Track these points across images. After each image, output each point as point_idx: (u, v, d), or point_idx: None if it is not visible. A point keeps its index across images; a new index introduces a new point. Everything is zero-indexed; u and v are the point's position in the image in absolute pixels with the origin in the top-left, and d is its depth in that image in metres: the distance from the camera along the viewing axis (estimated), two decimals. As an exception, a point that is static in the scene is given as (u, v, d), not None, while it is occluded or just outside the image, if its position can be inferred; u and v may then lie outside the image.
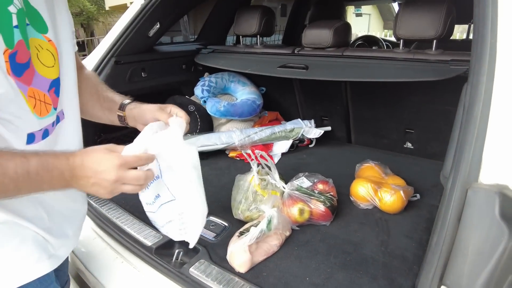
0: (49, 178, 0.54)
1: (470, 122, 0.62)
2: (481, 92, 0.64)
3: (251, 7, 1.88)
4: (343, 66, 1.42)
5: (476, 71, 0.67)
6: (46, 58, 0.60)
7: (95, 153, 0.59)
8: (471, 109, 0.63)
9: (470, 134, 0.61)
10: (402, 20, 1.35)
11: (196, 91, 1.85)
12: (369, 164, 1.37)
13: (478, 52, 0.70)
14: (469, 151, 0.60)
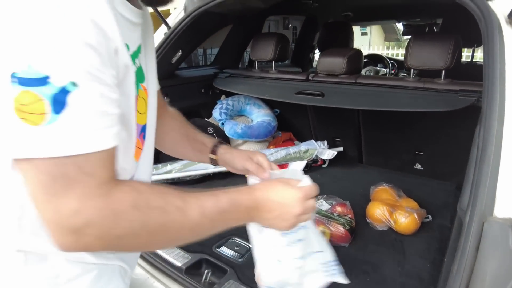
0: (236, 214, 0.56)
1: (484, 162, 0.70)
2: (493, 135, 0.73)
3: (267, 35, 1.99)
4: (357, 93, 1.51)
5: (488, 115, 0.76)
6: (141, 106, 0.59)
7: (276, 187, 0.60)
8: (484, 150, 0.71)
9: (485, 173, 0.69)
10: (412, 52, 1.45)
11: (214, 113, 1.94)
12: (383, 186, 1.45)
13: (489, 98, 0.78)
14: (484, 188, 0.68)
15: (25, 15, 0.39)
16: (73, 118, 0.41)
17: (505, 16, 0.89)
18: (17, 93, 0.39)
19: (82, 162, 0.42)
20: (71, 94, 0.40)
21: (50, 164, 0.41)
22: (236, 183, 0.59)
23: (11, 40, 0.39)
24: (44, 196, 0.42)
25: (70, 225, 0.42)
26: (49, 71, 0.39)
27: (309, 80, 1.73)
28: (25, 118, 0.39)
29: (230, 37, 2.23)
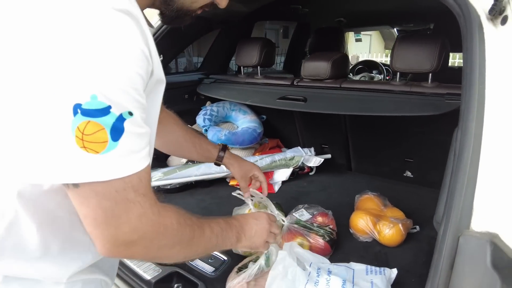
0: (230, 232, 0.72)
1: (460, 168, 0.64)
2: (471, 138, 0.66)
3: (252, 39, 1.94)
4: (341, 98, 1.45)
5: (465, 117, 0.69)
6: None
7: (252, 214, 0.85)
8: (461, 156, 0.65)
9: (460, 181, 0.62)
10: (398, 54, 1.39)
11: (198, 120, 1.89)
12: (368, 195, 1.37)
13: (466, 98, 0.72)
14: (459, 198, 0.62)
15: (85, 47, 0.41)
16: (127, 143, 0.45)
17: (486, 12, 0.83)
18: (79, 123, 0.41)
19: (136, 183, 0.48)
20: (126, 121, 0.44)
21: (113, 189, 0.46)
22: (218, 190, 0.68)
23: (70, 72, 0.41)
24: (105, 218, 0.47)
25: (126, 239, 0.49)
26: (111, 102, 0.42)
27: (294, 85, 1.67)
28: (86, 147, 0.42)
29: (217, 42, 2.19)
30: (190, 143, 1.05)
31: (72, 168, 0.43)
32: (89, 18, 0.42)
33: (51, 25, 0.42)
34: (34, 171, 0.46)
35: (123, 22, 0.44)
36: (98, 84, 0.42)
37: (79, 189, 0.45)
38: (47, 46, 0.41)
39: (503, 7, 0.80)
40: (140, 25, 0.47)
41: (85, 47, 0.41)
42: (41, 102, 0.42)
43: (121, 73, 0.43)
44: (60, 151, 0.43)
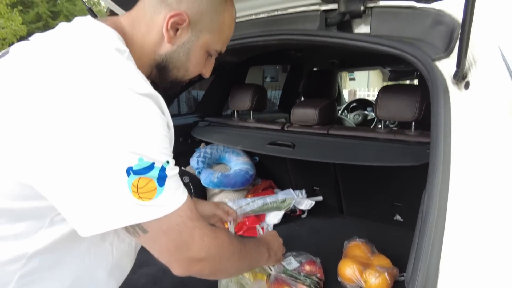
0: (263, 248, 0.88)
1: (425, 231, 0.67)
2: (436, 201, 0.70)
3: (245, 85, 2.02)
4: (328, 145, 1.50)
5: (431, 180, 0.73)
6: None
7: (269, 233, 1.03)
8: (426, 218, 0.68)
9: (426, 244, 0.65)
10: (381, 104, 1.46)
11: (191, 162, 1.93)
12: (356, 242, 1.38)
13: (432, 161, 0.76)
14: (425, 261, 0.64)
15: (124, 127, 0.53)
16: (170, 184, 0.57)
17: (451, 76, 0.89)
18: (132, 180, 0.54)
19: (189, 213, 0.61)
20: (167, 169, 0.57)
21: (174, 223, 0.59)
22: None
23: (118, 145, 0.53)
24: (176, 247, 0.61)
25: (197, 257, 0.62)
26: (153, 159, 0.55)
27: (283, 130, 1.73)
28: (141, 197, 0.55)
29: (213, 86, 2.28)
30: None
31: (135, 213, 0.55)
32: (125, 103, 0.54)
33: (96, 111, 0.53)
34: (101, 222, 0.56)
35: (148, 103, 0.57)
36: (142, 149, 0.54)
37: (148, 233, 0.59)
38: (95, 127, 0.52)
39: (465, 73, 0.86)
40: (158, 101, 0.60)
41: (125, 125, 0.53)
42: (98, 170, 0.53)
43: (154, 137, 0.57)
44: (123, 203, 0.54)
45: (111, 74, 0.55)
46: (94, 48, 0.58)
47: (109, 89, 0.54)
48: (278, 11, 1.27)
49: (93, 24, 0.64)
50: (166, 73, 0.74)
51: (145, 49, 0.71)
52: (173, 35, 0.70)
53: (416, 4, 1.02)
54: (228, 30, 0.77)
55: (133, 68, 0.59)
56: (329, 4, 1.14)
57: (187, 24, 0.69)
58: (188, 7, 0.69)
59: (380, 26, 1.08)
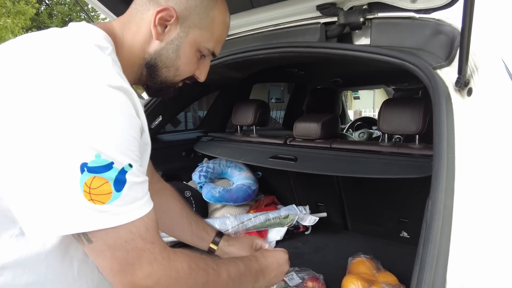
0: (249, 277, 0.73)
1: (430, 240, 0.63)
2: (440, 209, 0.67)
3: (248, 101, 2.03)
4: (331, 159, 1.48)
5: (434, 187, 0.71)
6: None
7: (273, 253, 0.86)
8: (430, 227, 0.65)
9: (431, 253, 0.62)
10: (384, 117, 1.44)
11: (193, 176, 1.91)
12: (360, 258, 1.34)
13: (435, 168, 0.74)
14: (430, 272, 0.61)
15: (87, 118, 0.49)
16: (129, 191, 0.52)
17: (453, 84, 0.88)
18: (86, 179, 0.48)
19: (143, 231, 0.54)
20: (128, 173, 0.51)
21: (122, 240, 0.52)
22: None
23: (76, 137, 0.48)
24: (120, 267, 0.52)
25: (143, 285, 0.53)
26: (112, 158, 0.50)
27: (286, 144, 1.72)
28: (94, 200, 0.49)
29: (217, 102, 2.30)
30: (186, 219, 0.96)
31: (82, 218, 0.49)
32: (91, 94, 0.50)
33: (59, 100, 0.49)
34: (47, 226, 0.50)
35: (118, 97, 0.52)
36: (101, 145, 0.49)
37: (93, 244, 0.51)
38: (54, 117, 0.48)
39: (467, 80, 0.85)
40: (132, 98, 0.55)
41: (87, 117, 0.49)
42: (50, 163, 0.48)
43: (118, 135, 0.51)
44: (70, 204, 0.49)
45: (81, 64, 0.52)
46: (70, 42, 0.56)
47: (77, 78, 0.51)
48: (279, 25, 1.29)
49: (81, 26, 0.63)
50: (156, 72, 0.71)
51: (134, 48, 0.69)
52: (161, 31, 0.68)
53: (415, 15, 1.02)
54: (219, 28, 0.73)
55: (108, 61, 0.56)
56: (329, 17, 1.15)
57: (175, 20, 0.67)
58: (176, 2, 0.67)
59: (380, 37, 1.08)
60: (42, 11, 10.17)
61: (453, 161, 0.75)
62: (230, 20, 0.78)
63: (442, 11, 0.98)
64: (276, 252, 0.87)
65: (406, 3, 1.01)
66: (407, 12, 1.02)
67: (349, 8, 1.12)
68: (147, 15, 0.68)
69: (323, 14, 1.16)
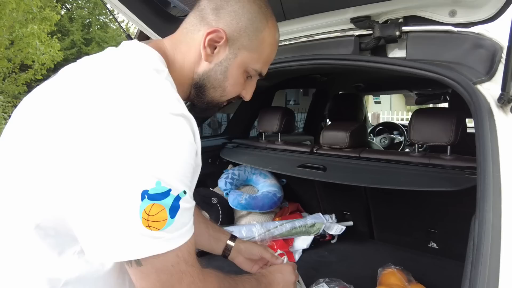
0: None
1: (480, 261, 0.63)
2: (489, 229, 0.67)
3: (273, 108, 2.05)
4: (360, 169, 1.47)
5: (481, 206, 0.70)
6: None
7: (277, 267, 0.95)
8: (479, 247, 0.65)
9: (482, 275, 0.62)
10: (415, 127, 1.43)
11: (219, 183, 1.94)
12: (391, 269, 1.33)
13: (481, 187, 0.74)
14: None
15: (148, 145, 0.51)
16: (180, 217, 0.53)
17: (495, 99, 0.87)
18: (145, 206, 0.49)
19: (187, 255, 0.56)
20: (181, 200, 0.53)
21: (169, 263, 0.54)
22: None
23: (137, 165, 0.50)
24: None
25: None
26: (170, 186, 0.51)
27: (313, 152, 1.73)
28: (150, 226, 0.50)
29: (240, 110, 2.33)
30: (203, 224, 1.02)
31: (137, 245, 0.51)
32: (154, 122, 0.52)
33: (123, 128, 0.51)
34: (104, 250, 0.52)
35: (179, 125, 0.54)
36: (160, 172, 0.51)
37: (142, 267, 0.53)
38: (118, 144, 0.50)
39: (511, 96, 0.84)
40: (192, 125, 0.57)
41: (149, 145, 0.51)
42: (112, 190, 0.50)
43: (177, 163, 0.53)
44: (128, 231, 0.50)
45: (144, 92, 0.54)
46: (131, 68, 0.59)
47: (140, 106, 0.52)
48: (311, 37, 1.30)
49: (136, 46, 0.66)
50: (203, 92, 0.72)
51: (185, 68, 0.70)
52: (210, 53, 0.69)
53: (453, 28, 1.02)
54: (268, 50, 0.74)
55: (168, 87, 0.58)
56: (364, 29, 1.16)
57: (224, 42, 0.68)
58: (226, 24, 0.68)
59: (416, 51, 1.08)
60: (63, 15, 10.50)
61: (498, 180, 0.74)
62: (279, 39, 0.79)
63: (483, 25, 0.97)
64: (280, 266, 0.96)
65: (444, 17, 1.01)
66: (446, 26, 1.02)
67: (384, 21, 1.12)
68: (197, 36, 0.69)
69: (357, 26, 1.16)
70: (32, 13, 6.23)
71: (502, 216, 0.69)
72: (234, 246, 1.04)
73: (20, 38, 6.23)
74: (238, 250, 1.04)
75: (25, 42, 6.30)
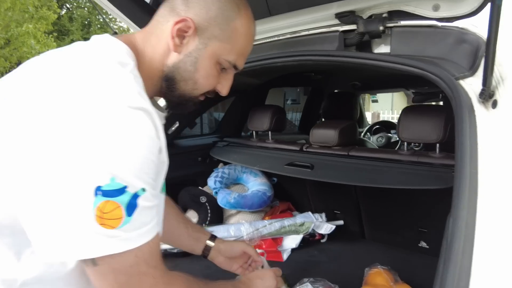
0: None
1: (451, 259, 0.61)
2: (462, 227, 0.65)
3: (264, 106, 2.03)
4: (348, 167, 1.46)
5: (456, 204, 0.68)
6: None
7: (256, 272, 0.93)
8: (451, 245, 0.63)
9: (451, 274, 0.60)
10: (404, 124, 1.41)
11: (209, 182, 1.92)
12: (377, 269, 1.31)
13: (457, 184, 0.72)
14: None
15: (104, 140, 0.49)
16: (139, 216, 0.52)
17: (477, 95, 0.85)
18: (99, 203, 0.48)
19: (148, 256, 0.54)
20: (139, 198, 0.51)
21: (127, 264, 0.52)
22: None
23: (91, 160, 0.48)
24: None
25: None
26: (127, 182, 0.49)
27: (302, 151, 1.71)
28: (104, 224, 0.49)
29: (233, 108, 2.31)
30: (182, 224, 1.00)
31: (91, 244, 0.49)
32: (110, 116, 0.50)
33: (77, 121, 0.49)
34: (56, 249, 0.50)
35: (138, 119, 0.52)
36: (115, 168, 0.49)
37: (98, 266, 0.51)
38: (71, 138, 0.48)
39: (492, 92, 0.82)
40: (153, 119, 0.55)
41: (104, 140, 0.49)
42: (64, 186, 0.48)
43: (135, 159, 0.51)
44: (81, 229, 0.49)
45: (102, 85, 0.52)
46: (92, 61, 0.56)
47: (96, 100, 0.50)
48: (297, 33, 1.28)
49: (104, 40, 0.63)
50: (174, 85, 0.69)
51: (154, 61, 0.68)
52: (179, 43, 0.66)
53: (437, 23, 1.00)
54: (242, 40, 0.69)
55: (130, 81, 0.56)
56: (348, 25, 1.14)
57: (193, 31, 0.65)
58: (196, 13, 0.65)
59: (401, 46, 1.06)
60: (63, 15, 10.53)
61: (475, 177, 0.72)
62: (255, 30, 0.74)
63: (466, 19, 0.95)
64: (260, 271, 0.95)
65: (428, 11, 0.99)
66: (429, 20, 1.00)
67: (369, 16, 1.10)
68: (166, 27, 0.67)
69: (342, 22, 1.14)
70: (28, 12, 6.24)
71: (477, 214, 0.67)
72: (213, 246, 1.01)
73: (16, 37, 6.25)
74: (218, 250, 1.01)
75: (20, 41, 6.32)
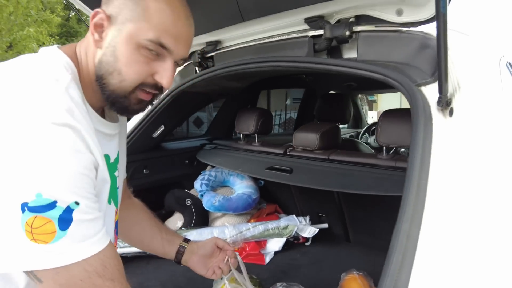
0: None
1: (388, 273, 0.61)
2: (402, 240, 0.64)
3: (250, 109, 2.03)
4: (327, 171, 1.45)
5: (400, 216, 0.68)
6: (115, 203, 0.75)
7: None
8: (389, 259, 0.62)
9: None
10: (382, 128, 1.40)
11: (195, 184, 1.94)
12: (353, 274, 1.30)
13: (404, 193, 0.71)
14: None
15: (27, 157, 0.49)
16: (77, 229, 0.51)
17: (435, 103, 0.84)
18: (27, 218, 0.48)
19: (100, 269, 0.54)
20: (74, 212, 0.51)
21: (77, 279, 0.52)
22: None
23: (16, 177, 0.48)
24: None
25: None
26: (55, 197, 0.49)
27: (286, 154, 1.70)
28: (36, 239, 0.48)
29: (223, 110, 2.32)
30: (156, 228, 1.00)
31: (26, 257, 0.49)
32: (33, 133, 0.50)
33: (0, 138, 0.49)
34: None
35: (62, 134, 0.52)
36: (41, 184, 0.49)
37: (43, 284, 0.51)
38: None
39: (449, 100, 0.81)
40: (81, 134, 0.54)
41: (28, 156, 0.49)
42: None
43: (63, 174, 0.51)
44: (14, 243, 0.49)
45: (27, 103, 0.52)
46: (25, 78, 0.56)
47: (20, 118, 0.50)
48: (270, 38, 1.28)
49: (49, 52, 0.63)
50: (103, 83, 0.65)
51: (90, 66, 0.66)
52: (98, 38, 0.64)
53: (402, 28, 0.98)
54: (159, 15, 0.63)
55: (59, 97, 0.55)
56: (317, 29, 1.13)
57: (107, 22, 0.63)
58: (105, 2, 0.65)
59: (367, 51, 1.05)
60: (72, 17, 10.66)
61: (425, 188, 0.71)
62: (182, 7, 0.67)
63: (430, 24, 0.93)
64: None
65: (392, 16, 0.98)
66: (395, 25, 0.98)
67: (336, 21, 1.09)
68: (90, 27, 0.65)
69: (311, 27, 1.14)
70: (31, 16, 6.34)
71: (422, 227, 0.66)
72: (187, 247, 1.01)
73: (18, 41, 6.36)
74: (191, 250, 1.01)
75: (22, 44, 6.42)
